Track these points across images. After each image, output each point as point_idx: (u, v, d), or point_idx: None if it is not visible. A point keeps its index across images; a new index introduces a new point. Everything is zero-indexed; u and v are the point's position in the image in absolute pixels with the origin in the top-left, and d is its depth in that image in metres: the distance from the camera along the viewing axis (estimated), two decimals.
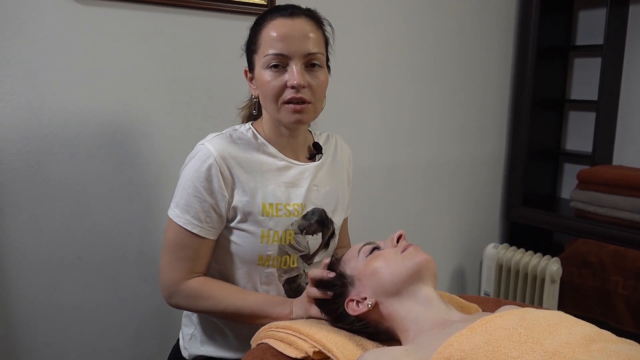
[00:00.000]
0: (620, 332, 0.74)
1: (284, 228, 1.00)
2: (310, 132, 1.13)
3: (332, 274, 0.89)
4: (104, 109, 1.36)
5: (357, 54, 1.85)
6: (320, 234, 1.06)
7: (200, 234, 0.97)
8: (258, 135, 1.03)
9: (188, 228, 0.96)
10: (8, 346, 1.31)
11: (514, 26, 2.32)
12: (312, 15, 0.99)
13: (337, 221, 1.10)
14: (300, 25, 0.95)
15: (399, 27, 1.94)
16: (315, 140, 1.12)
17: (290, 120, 0.96)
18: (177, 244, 0.98)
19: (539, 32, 2.20)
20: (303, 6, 1.03)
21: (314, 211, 1.04)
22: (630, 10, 2.17)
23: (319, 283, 0.90)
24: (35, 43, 1.25)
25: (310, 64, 0.96)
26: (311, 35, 0.96)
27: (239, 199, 0.98)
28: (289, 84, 0.94)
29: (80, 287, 1.38)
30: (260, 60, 0.96)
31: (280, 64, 0.94)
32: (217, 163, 0.95)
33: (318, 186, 1.06)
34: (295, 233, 1.01)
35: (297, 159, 1.05)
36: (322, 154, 1.10)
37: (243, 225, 0.99)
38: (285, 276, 1.04)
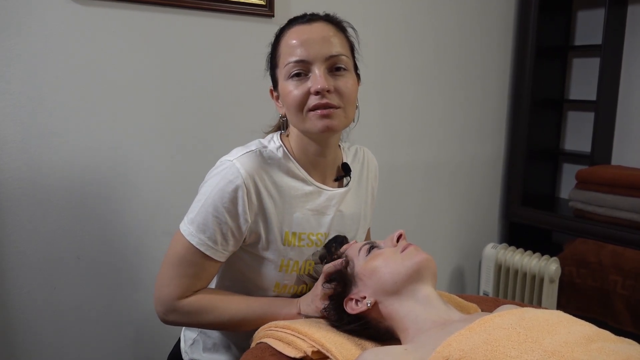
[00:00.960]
0: (619, 332, 0.74)
1: (304, 258, 0.95)
2: (340, 147, 1.04)
3: (345, 261, 0.88)
4: (103, 108, 1.36)
5: (357, 55, 1.85)
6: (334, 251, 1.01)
7: (213, 256, 0.90)
8: (289, 155, 0.95)
9: (201, 249, 0.89)
10: (7, 346, 1.31)
11: (513, 26, 2.33)
12: (331, 20, 0.94)
13: None
14: (319, 28, 0.89)
15: (399, 27, 1.95)
16: (344, 157, 1.05)
17: (318, 127, 0.87)
18: (184, 260, 0.90)
19: (537, 32, 2.20)
20: (302, 7, 1.01)
21: (335, 239, 0.99)
22: (628, 10, 2.17)
23: (334, 276, 0.88)
24: (34, 43, 1.25)
25: (334, 68, 0.89)
26: (332, 38, 0.89)
27: (262, 226, 0.91)
28: (312, 89, 0.86)
29: (79, 287, 1.38)
30: (281, 72, 0.90)
31: (302, 71, 0.87)
32: (245, 186, 0.87)
33: (342, 211, 0.99)
34: (315, 263, 0.97)
35: (324, 181, 0.98)
36: (350, 177, 1.02)
37: (263, 253, 0.93)
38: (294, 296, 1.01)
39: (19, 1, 1.22)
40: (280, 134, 0.99)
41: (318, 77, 0.86)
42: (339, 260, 0.89)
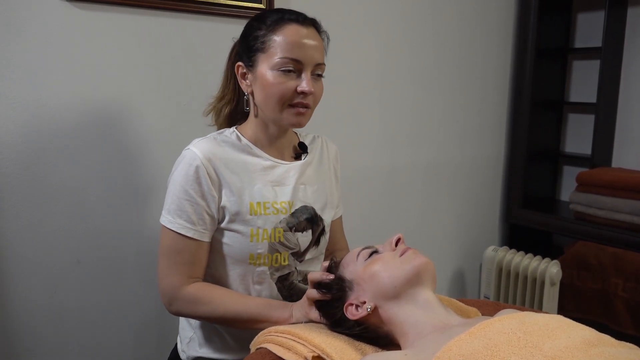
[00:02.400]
0: (620, 335, 0.74)
1: (272, 226, 1.01)
2: (295, 133, 1.15)
3: (331, 276, 0.89)
4: (102, 112, 1.36)
5: (357, 56, 1.86)
6: (310, 231, 1.07)
7: (195, 236, 0.97)
8: (242, 137, 1.04)
9: (182, 232, 0.97)
10: (8, 348, 1.30)
11: (513, 28, 2.33)
12: (317, 27, 1.02)
13: (327, 218, 1.12)
14: (313, 34, 0.99)
15: (399, 29, 1.95)
16: (300, 140, 1.14)
17: (291, 122, 0.99)
18: (173, 250, 0.98)
19: (537, 34, 2.20)
20: (302, 8, 1.04)
21: (302, 209, 1.06)
22: (628, 12, 2.17)
23: (318, 285, 0.90)
24: (32, 46, 1.25)
25: (315, 74, 0.99)
26: (319, 46, 0.99)
27: (226, 199, 0.99)
28: (299, 89, 0.96)
29: (79, 290, 1.38)
30: (269, 60, 0.96)
31: (294, 69, 0.96)
32: (204, 165, 0.97)
33: (305, 184, 1.08)
34: (284, 230, 1.02)
35: (282, 158, 1.07)
36: (307, 153, 1.12)
37: (232, 226, 1.00)
38: (277, 274, 1.05)
39: (17, 4, 1.22)
40: (236, 127, 1.07)
41: (307, 81, 0.96)
42: (325, 273, 0.90)
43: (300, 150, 1.12)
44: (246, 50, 1.02)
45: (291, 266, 1.06)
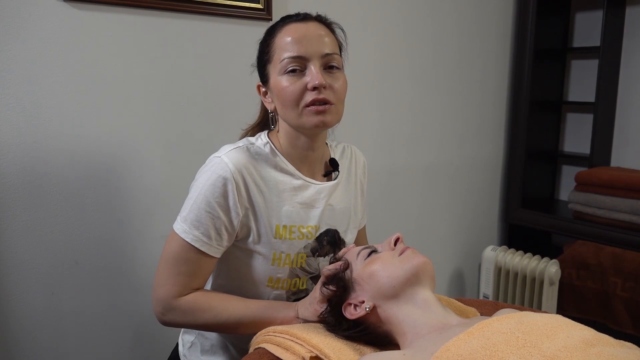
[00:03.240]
0: (619, 334, 0.74)
1: (296, 251, 0.96)
2: (327, 144, 1.07)
3: (345, 264, 0.87)
4: (100, 113, 1.35)
5: (356, 57, 1.85)
6: (331, 256, 1.02)
7: (208, 252, 0.91)
8: (276, 151, 0.97)
9: (196, 245, 0.90)
10: (6, 351, 1.30)
11: (511, 28, 2.33)
12: (323, 20, 0.97)
13: (349, 240, 1.06)
14: (314, 27, 0.92)
15: (398, 29, 1.95)
16: (332, 153, 1.07)
17: (313, 122, 0.90)
18: (179, 259, 0.91)
19: (536, 34, 2.21)
20: (301, 8, 1.03)
21: (326, 232, 1.00)
22: (626, 11, 2.17)
23: (332, 279, 0.88)
24: (30, 46, 1.25)
25: (328, 66, 0.92)
26: (326, 38, 0.93)
27: (252, 219, 0.93)
28: (309, 85, 0.89)
29: (77, 292, 1.38)
30: (275, 68, 0.92)
31: (299, 67, 0.90)
32: (234, 179, 0.89)
33: (333, 205, 1.01)
34: (307, 256, 0.98)
35: (312, 176, 1.00)
36: (338, 171, 1.04)
37: (255, 247, 0.94)
38: (294, 298, 1.01)
39: (16, 5, 1.22)
40: (268, 132, 1.01)
41: (315, 74, 0.89)
42: (338, 263, 0.88)
43: (332, 168, 1.05)
44: (259, 68, 0.98)
45: (308, 290, 1.02)
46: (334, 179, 1.03)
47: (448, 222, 2.26)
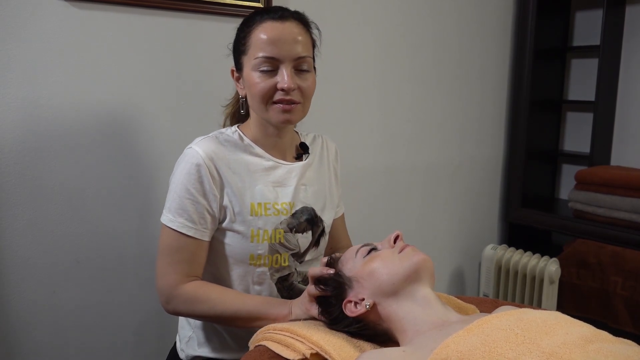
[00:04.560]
0: (619, 333, 0.74)
1: (273, 227, 1.01)
2: (297, 132, 1.15)
3: (331, 271, 0.89)
4: (100, 112, 1.36)
5: (356, 57, 1.86)
6: (310, 232, 1.07)
7: (195, 235, 0.97)
8: (244, 137, 1.04)
9: (183, 231, 0.96)
10: (7, 349, 1.30)
11: (511, 28, 2.33)
12: (300, 19, 1.00)
13: (327, 219, 1.12)
14: (290, 28, 0.96)
15: (398, 29, 1.95)
16: (302, 140, 1.14)
17: (279, 119, 0.98)
18: (172, 248, 0.98)
19: (536, 33, 2.21)
20: (300, 8, 1.03)
21: (302, 210, 1.06)
22: (626, 10, 2.17)
23: (319, 281, 0.90)
24: (30, 46, 1.25)
25: (299, 68, 0.98)
26: (300, 38, 0.97)
27: (227, 199, 0.99)
28: (279, 86, 0.95)
29: (78, 290, 1.38)
30: (249, 62, 0.97)
31: (271, 67, 0.96)
32: (206, 164, 0.97)
33: (306, 185, 1.07)
34: (285, 232, 1.02)
35: (284, 159, 1.07)
36: (308, 153, 1.11)
37: (233, 226, 1.00)
38: (277, 275, 1.05)
39: (16, 5, 1.22)
40: (238, 125, 1.08)
41: (286, 77, 0.95)
42: (325, 268, 0.90)
43: (302, 151, 1.12)
44: (235, 55, 1.04)
45: (291, 267, 1.06)
46: (305, 160, 1.09)
47: (448, 221, 2.26)
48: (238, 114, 1.12)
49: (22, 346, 1.32)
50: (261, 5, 1.55)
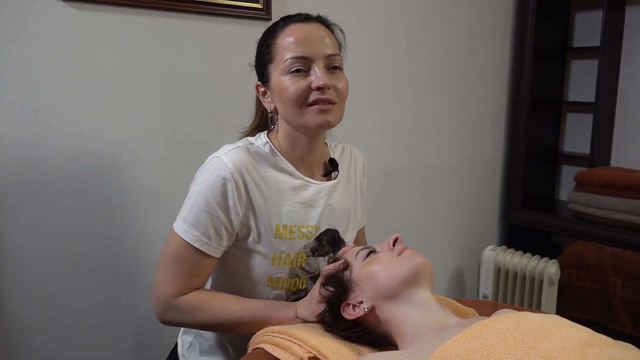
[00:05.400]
0: (619, 334, 0.74)
1: (296, 251, 0.96)
2: (327, 144, 1.07)
3: (344, 263, 0.87)
4: (99, 113, 1.36)
5: (356, 57, 1.85)
6: (330, 255, 1.02)
7: (208, 252, 0.91)
8: (275, 151, 0.97)
9: (195, 245, 0.90)
10: (6, 350, 1.30)
11: (511, 28, 2.33)
12: (323, 21, 0.97)
13: (349, 240, 1.06)
14: (316, 28, 0.93)
15: (398, 29, 1.95)
16: (332, 153, 1.07)
17: (316, 122, 0.90)
18: (179, 258, 0.91)
19: (536, 34, 2.21)
20: (300, 8, 1.03)
21: (326, 232, 1.00)
22: (626, 11, 2.17)
23: (331, 279, 0.88)
24: (29, 47, 1.25)
25: (331, 67, 0.93)
26: (327, 39, 0.93)
27: (252, 219, 0.93)
28: (314, 85, 0.89)
29: (77, 292, 1.38)
30: (278, 67, 0.92)
31: (303, 67, 0.90)
32: (234, 178, 0.89)
33: (333, 205, 1.01)
34: (307, 256, 0.98)
35: (312, 176, 1.00)
36: (338, 171, 1.04)
37: (255, 247, 0.94)
38: (293, 297, 1.01)
39: (15, 5, 1.22)
40: (268, 132, 1.01)
41: (320, 74, 0.89)
42: (338, 262, 0.88)
43: (331, 168, 1.05)
44: (259, 68, 0.98)
45: (308, 290, 1.01)
46: (334, 179, 1.03)
47: (448, 222, 2.26)
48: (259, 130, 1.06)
49: (20, 347, 1.32)
50: (260, 6, 1.55)
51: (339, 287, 0.87)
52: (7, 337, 1.30)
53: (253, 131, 1.07)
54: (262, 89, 0.98)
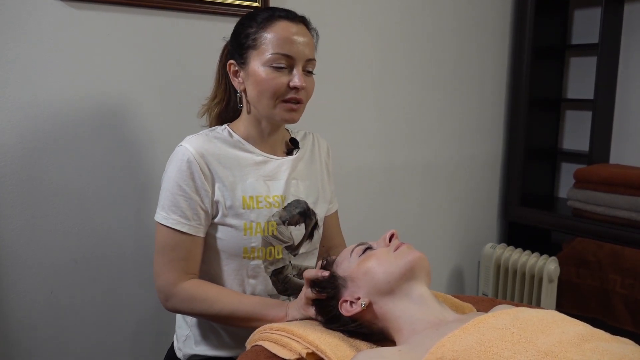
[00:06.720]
0: (618, 331, 0.74)
1: (265, 219, 1.02)
2: (287, 129, 1.16)
3: (326, 273, 0.89)
4: (98, 111, 1.36)
5: (354, 56, 1.85)
6: (303, 225, 1.08)
7: (190, 231, 0.98)
8: (234, 134, 1.06)
9: (177, 227, 0.98)
10: (6, 350, 1.30)
11: (510, 26, 2.33)
12: (306, 24, 1.04)
13: (320, 212, 1.13)
14: (303, 31, 1.00)
15: (396, 28, 1.95)
16: (292, 137, 1.15)
17: (285, 117, 1.01)
18: (168, 246, 0.99)
19: (534, 31, 2.20)
20: (299, 8, 1.06)
21: (294, 203, 1.07)
22: (625, 8, 2.17)
23: (314, 283, 0.90)
24: (28, 46, 1.25)
25: (306, 70, 1.01)
26: (310, 42, 1.01)
27: (219, 194, 1.00)
28: (292, 84, 0.97)
29: (76, 290, 1.38)
30: (260, 57, 0.98)
31: (285, 65, 0.97)
32: (196, 160, 0.98)
33: (297, 179, 1.09)
34: (277, 224, 1.03)
35: (274, 154, 1.08)
36: (299, 148, 1.13)
37: (226, 220, 1.01)
38: (272, 268, 1.06)
39: (15, 5, 1.22)
40: (227, 125, 1.09)
41: (299, 76, 0.98)
42: (320, 271, 0.90)
43: (292, 146, 1.13)
44: (237, 48, 1.03)
45: (285, 260, 1.07)
46: (295, 155, 1.11)
47: (447, 220, 2.26)
48: (225, 113, 1.13)
49: (20, 346, 1.32)
50: (258, 5, 1.55)
51: (326, 291, 0.88)
52: (7, 336, 1.30)
53: (215, 106, 1.13)
54: (235, 69, 1.04)
